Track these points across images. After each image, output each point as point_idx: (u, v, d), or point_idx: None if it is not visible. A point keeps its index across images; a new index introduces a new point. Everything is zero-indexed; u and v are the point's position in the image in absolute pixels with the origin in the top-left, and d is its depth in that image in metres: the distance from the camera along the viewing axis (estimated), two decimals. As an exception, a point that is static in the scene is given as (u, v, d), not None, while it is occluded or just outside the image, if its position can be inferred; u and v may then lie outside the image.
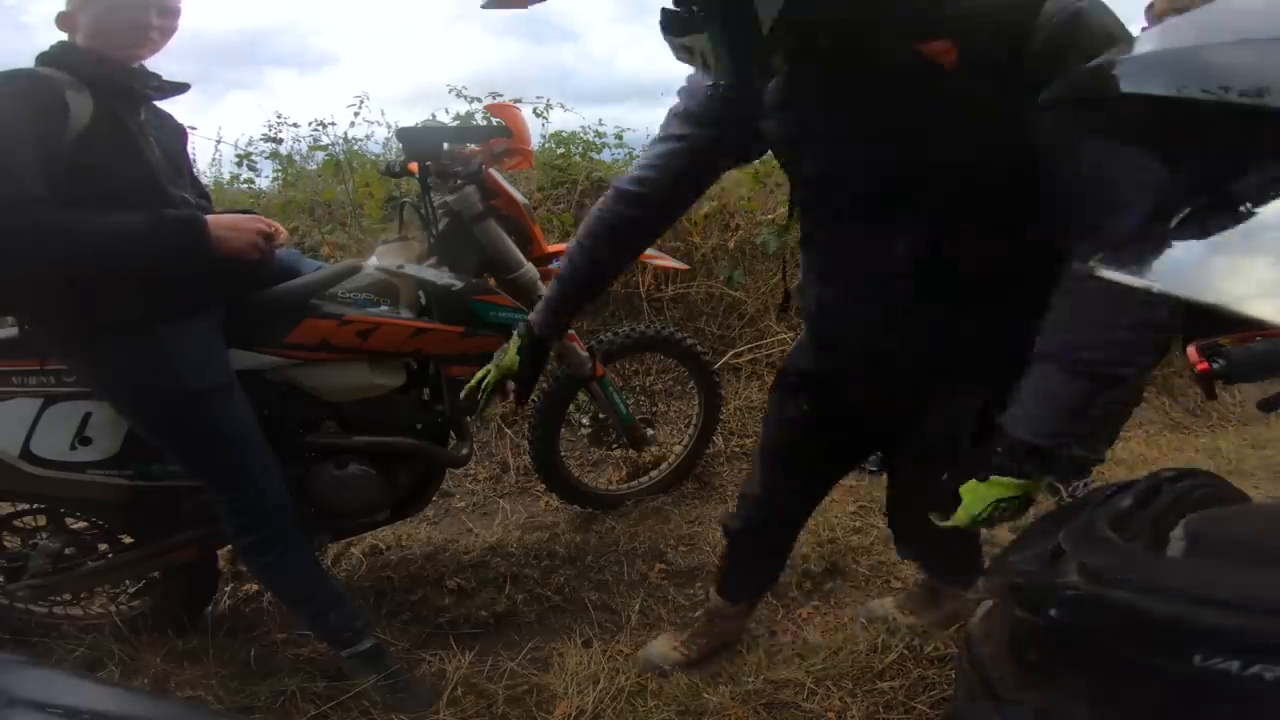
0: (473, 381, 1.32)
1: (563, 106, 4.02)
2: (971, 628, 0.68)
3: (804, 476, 1.33)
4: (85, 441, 1.35)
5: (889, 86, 0.85)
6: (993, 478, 0.83)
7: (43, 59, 1.22)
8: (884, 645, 1.63)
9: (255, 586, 1.87)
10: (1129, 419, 2.57)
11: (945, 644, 1.63)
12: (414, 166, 1.66)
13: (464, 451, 1.66)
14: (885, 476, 1.49)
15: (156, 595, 1.67)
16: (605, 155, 3.80)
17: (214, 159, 3.66)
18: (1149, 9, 1.82)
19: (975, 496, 0.85)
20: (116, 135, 1.22)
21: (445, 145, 1.60)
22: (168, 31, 1.26)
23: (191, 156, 1.52)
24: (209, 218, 1.29)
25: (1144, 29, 1.79)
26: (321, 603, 1.47)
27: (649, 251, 1.83)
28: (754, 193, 3.23)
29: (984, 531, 2.03)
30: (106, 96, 1.21)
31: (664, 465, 2.39)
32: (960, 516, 0.87)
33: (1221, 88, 0.38)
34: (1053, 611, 0.51)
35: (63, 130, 1.16)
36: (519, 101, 3.36)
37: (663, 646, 1.65)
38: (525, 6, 1.02)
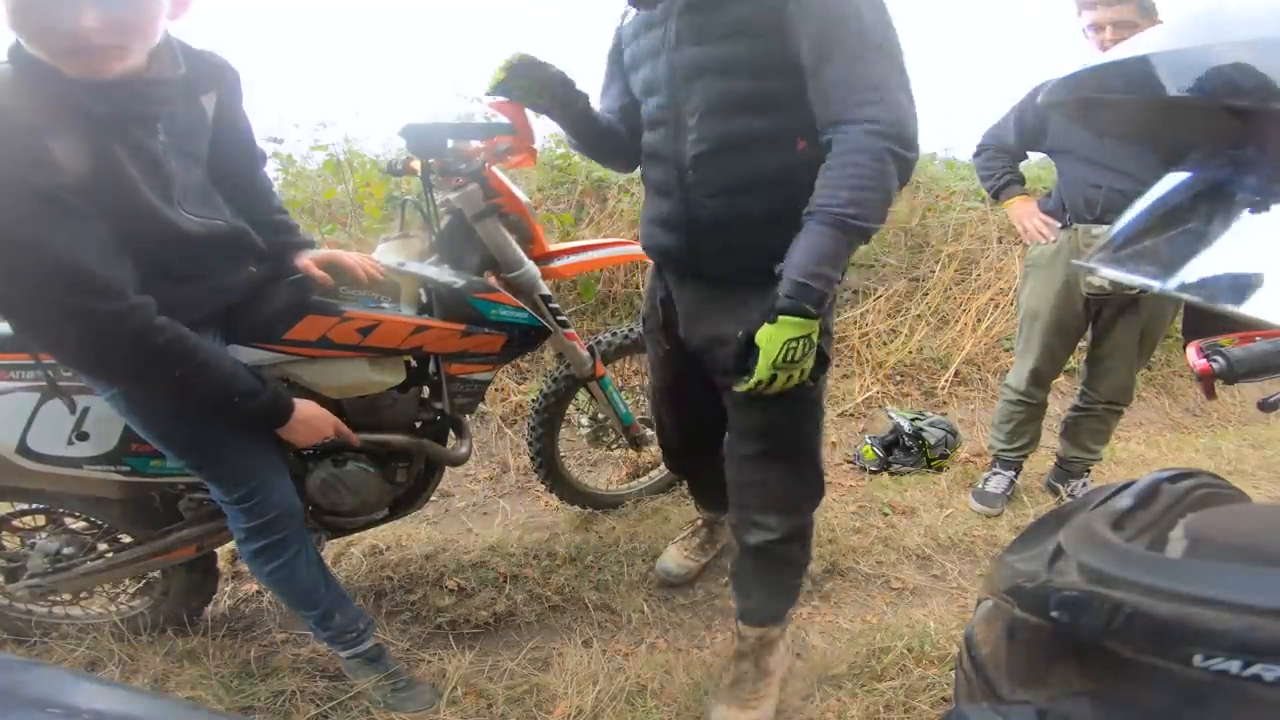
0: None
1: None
2: (971, 628, 0.67)
3: (684, 407, 1.60)
4: (83, 437, 1.34)
5: None
6: (780, 318, 0.99)
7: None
8: (883, 645, 1.64)
9: (255, 586, 1.87)
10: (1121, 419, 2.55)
11: (945, 644, 1.63)
12: (416, 165, 1.65)
13: (463, 450, 1.66)
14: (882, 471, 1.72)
15: (156, 595, 1.67)
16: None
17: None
18: (1092, 27, 1.77)
19: (769, 340, 0.99)
20: (117, 186, 1.01)
21: (449, 143, 1.57)
22: (139, 31, 0.94)
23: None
24: (299, 402, 1.29)
25: (1098, 36, 1.77)
26: (328, 605, 1.46)
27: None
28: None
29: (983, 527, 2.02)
30: (102, 129, 0.98)
31: (664, 465, 2.39)
32: (761, 367, 1.00)
33: (1228, 88, 0.38)
34: (1053, 612, 0.51)
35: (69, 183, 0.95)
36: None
37: (675, 556, 1.93)
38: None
